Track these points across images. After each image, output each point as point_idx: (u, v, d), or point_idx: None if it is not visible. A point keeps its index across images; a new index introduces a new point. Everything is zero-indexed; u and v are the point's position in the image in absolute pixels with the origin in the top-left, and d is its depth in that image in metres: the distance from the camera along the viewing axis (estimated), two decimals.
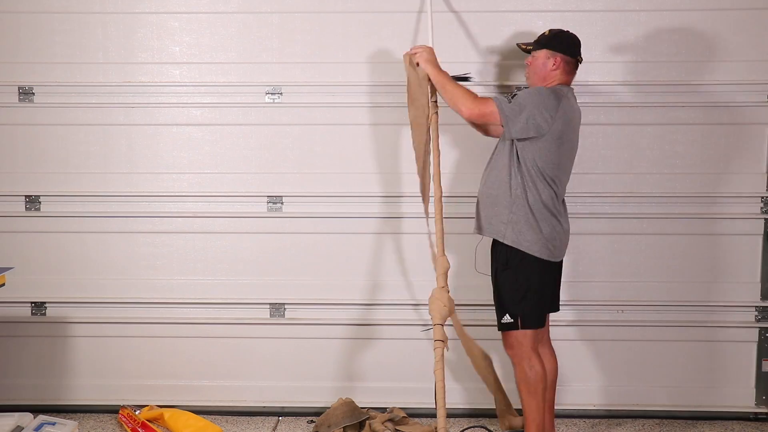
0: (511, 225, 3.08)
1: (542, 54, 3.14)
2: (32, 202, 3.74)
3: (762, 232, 3.69)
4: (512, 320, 3.12)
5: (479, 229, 3.23)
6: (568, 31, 3.19)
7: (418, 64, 3.24)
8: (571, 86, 3.19)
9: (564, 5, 3.60)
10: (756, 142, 3.66)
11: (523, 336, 3.12)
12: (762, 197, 3.67)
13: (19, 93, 3.68)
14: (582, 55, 3.19)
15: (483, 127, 3.30)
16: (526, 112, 3.00)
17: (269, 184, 3.73)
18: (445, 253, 3.17)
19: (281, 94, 3.68)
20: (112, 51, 3.67)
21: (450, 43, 3.61)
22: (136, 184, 3.73)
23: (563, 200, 3.20)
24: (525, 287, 3.11)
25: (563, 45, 3.15)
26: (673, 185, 3.66)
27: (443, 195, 3.23)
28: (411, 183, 3.69)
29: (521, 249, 3.07)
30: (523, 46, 3.25)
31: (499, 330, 3.20)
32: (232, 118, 3.70)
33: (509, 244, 3.09)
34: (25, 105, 3.69)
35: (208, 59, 3.67)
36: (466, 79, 3.57)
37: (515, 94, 3.08)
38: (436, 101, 3.34)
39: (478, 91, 3.58)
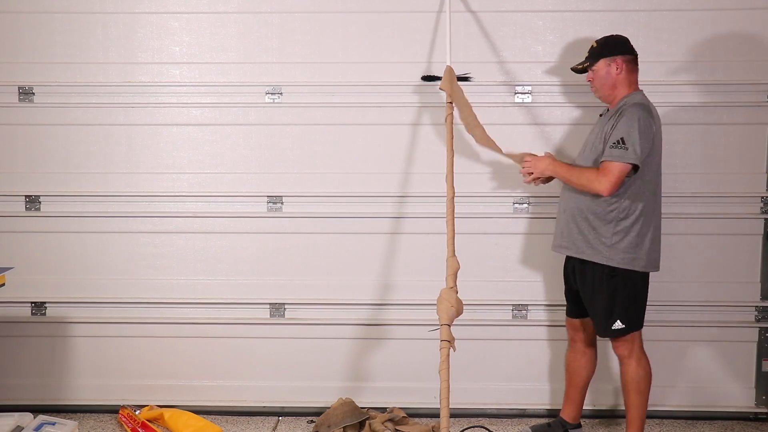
0: (615, 247, 3.13)
1: (601, 64, 3.18)
2: (32, 202, 3.74)
3: (762, 232, 3.69)
4: (624, 326, 3.19)
5: (572, 249, 3.23)
6: (613, 34, 3.24)
7: (531, 174, 3.28)
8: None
9: (564, 5, 3.60)
10: (756, 142, 3.66)
11: (633, 338, 3.23)
12: (762, 197, 3.67)
13: (19, 93, 3.68)
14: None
15: None
16: (639, 145, 3.01)
17: (269, 184, 3.73)
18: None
19: (281, 94, 3.68)
20: (112, 51, 3.67)
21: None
22: (136, 184, 3.73)
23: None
24: (633, 295, 3.20)
25: (616, 46, 3.18)
26: (673, 185, 3.65)
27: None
28: (410, 183, 3.70)
29: (629, 268, 3.14)
30: (579, 67, 3.26)
31: (603, 336, 3.28)
32: (232, 118, 3.70)
33: (615, 266, 3.14)
34: (25, 105, 3.69)
35: (208, 59, 3.67)
36: (466, 78, 3.59)
37: (620, 140, 3.03)
38: (451, 102, 3.35)
39: (479, 90, 3.61)
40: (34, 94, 3.68)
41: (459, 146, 3.66)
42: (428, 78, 3.61)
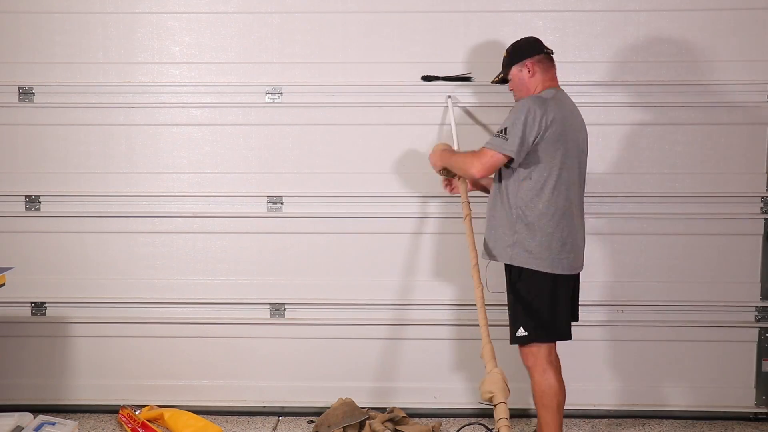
0: (516, 246, 3.04)
1: (514, 71, 3.13)
2: (32, 202, 3.74)
3: (762, 232, 3.70)
4: (526, 333, 3.07)
5: (486, 254, 3.17)
6: (522, 38, 3.19)
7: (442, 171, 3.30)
8: (560, 87, 3.13)
9: (564, 5, 3.60)
10: (756, 142, 3.66)
11: (538, 348, 3.09)
12: (762, 197, 3.68)
13: (19, 93, 3.68)
14: (548, 47, 3.14)
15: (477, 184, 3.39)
16: (519, 134, 2.93)
17: (269, 184, 3.73)
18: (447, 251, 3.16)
19: (281, 94, 3.68)
20: (112, 51, 3.67)
21: (450, 42, 3.62)
22: (136, 184, 3.73)
23: (577, 208, 3.10)
24: (537, 301, 3.05)
25: (523, 51, 3.12)
26: (673, 185, 3.66)
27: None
28: (409, 183, 3.70)
29: (529, 267, 3.03)
30: (497, 79, 3.25)
31: (511, 343, 3.13)
32: (232, 118, 3.70)
33: (517, 265, 3.05)
34: (25, 105, 3.69)
35: (208, 59, 3.67)
36: (467, 78, 3.59)
37: (503, 129, 2.97)
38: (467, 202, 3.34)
39: (480, 90, 3.62)
40: (34, 94, 3.68)
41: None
42: (428, 78, 3.61)
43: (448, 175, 3.38)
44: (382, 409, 3.69)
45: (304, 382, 3.80)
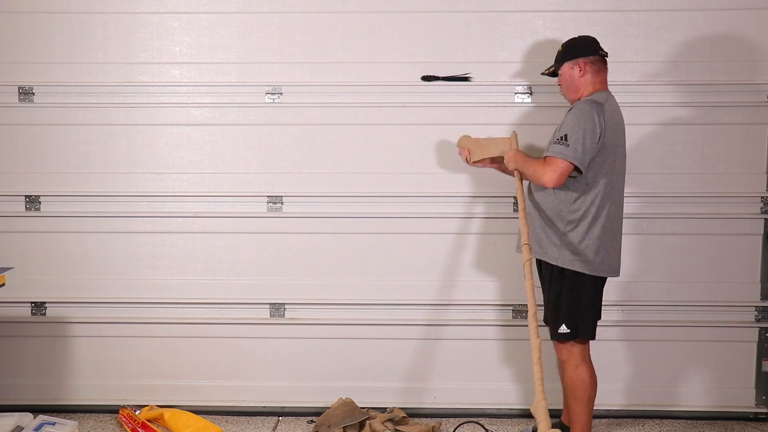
0: (563, 247, 3.09)
1: (565, 68, 3.16)
2: (32, 202, 3.74)
3: (762, 232, 3.70)
4: (568, 331, 3.14)
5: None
6: (579, 36, 3.23)
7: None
8: (608, 90, 3.16)
9: (564, 5, 3.61)
10: (756, 142, 3.66)
11: (573, 344, 3.18)
12: (762, 197, 3.68)
13: (19, 93, 3.68)
14: (604, 50, 3.18)
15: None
16: (582, 142, 2.96)
17: (269, 184, 3.73)
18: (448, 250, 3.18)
19: (281, 94, 3.68)
20: (112, 51, 3.67)
21: (450, 43, 3.62)
22: (136, 184, 3.73)
23: (621, 212, 3.17)
24: (579, 301, 3.13)
25: (578, 49, 3.15)
26: (673, 185, 3.66)
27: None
28: (409, 183, 3.70)
29: (574, 269, 3.10)
30: (547, 72, 3.29)
31: (552, 339, 3.23)
32: (232, 118, 3.70)
33: (564, 267, 3.10)
34: (25, 105, 3.69)
35: (208, 59, 3.67)
36: (465, 78, 3.59)
37: (564, 136, 2.99)
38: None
39: (480, 90, 3.62)
40: (34, 94, 3.68)
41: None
42: (428, 78, 3.61)
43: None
44: (382, 409, 3.70)
45: (304, 382, 3.80)
